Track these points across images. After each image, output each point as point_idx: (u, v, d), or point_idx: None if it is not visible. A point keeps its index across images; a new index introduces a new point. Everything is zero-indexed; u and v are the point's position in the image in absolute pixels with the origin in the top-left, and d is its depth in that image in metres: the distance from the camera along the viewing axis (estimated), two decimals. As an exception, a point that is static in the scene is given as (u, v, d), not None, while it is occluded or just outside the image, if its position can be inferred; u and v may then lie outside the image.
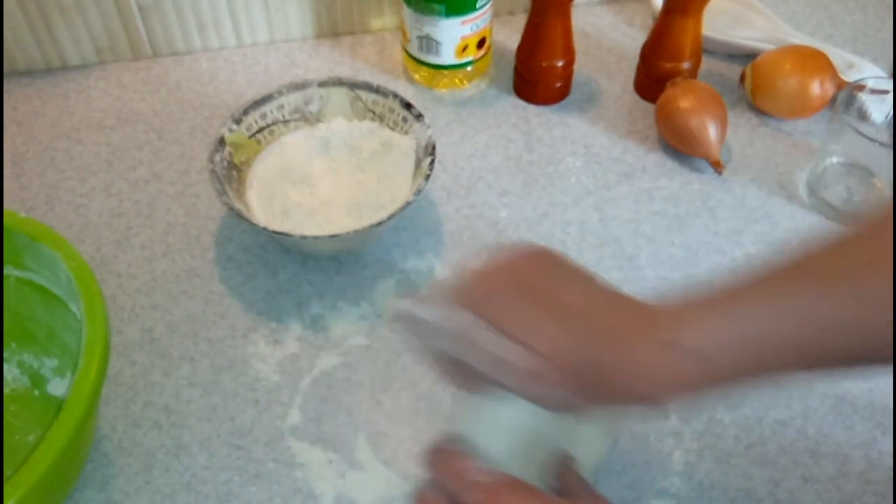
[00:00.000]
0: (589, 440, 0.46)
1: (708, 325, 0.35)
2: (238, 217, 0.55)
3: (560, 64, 0.69)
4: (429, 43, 0.68)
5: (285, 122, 0.63)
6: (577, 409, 0.38)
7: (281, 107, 0.62)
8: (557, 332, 0.36)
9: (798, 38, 0.73)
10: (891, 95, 0.62)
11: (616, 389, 0.36)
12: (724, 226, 0.63)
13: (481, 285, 0.38)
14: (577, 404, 0.37)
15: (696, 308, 0.36)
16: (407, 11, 0.68)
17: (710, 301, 0.36)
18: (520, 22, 0.70)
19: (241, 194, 0.59)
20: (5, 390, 0.52)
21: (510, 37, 0.76)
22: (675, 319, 0.36)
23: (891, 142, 0.60)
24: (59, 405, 0.51)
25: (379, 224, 0.54)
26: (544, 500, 0.38)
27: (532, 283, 0.38)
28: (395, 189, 0.60)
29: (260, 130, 0.62)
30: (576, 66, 0.71)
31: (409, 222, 0.62)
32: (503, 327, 0.37)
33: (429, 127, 0.60)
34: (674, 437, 0.51)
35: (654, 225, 0.63)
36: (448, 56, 0.69)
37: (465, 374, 0.39)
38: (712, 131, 0.64)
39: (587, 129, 0.70)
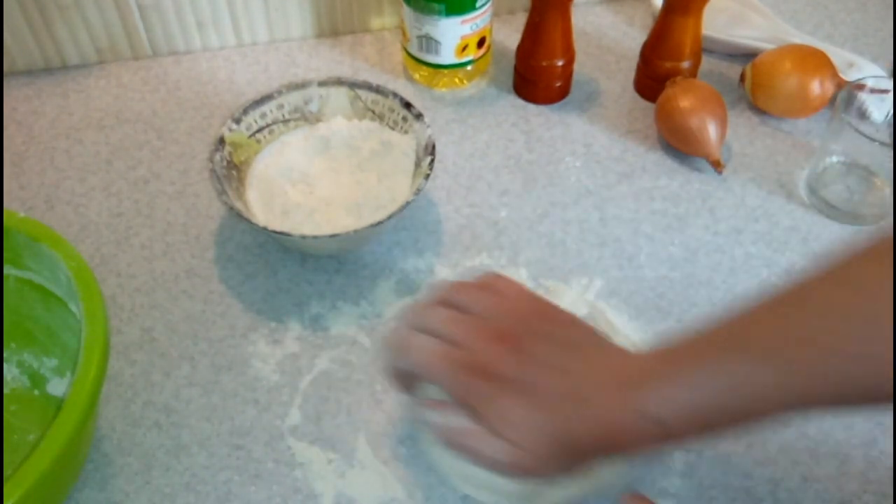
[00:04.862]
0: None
1: (664, 393, 0.39)
2: (238, 217, 0.55)
3: (560, 63, 0.69)
4: (429, 42, 0.68)
5: (285, 121, 0.63)
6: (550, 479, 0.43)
7: (281, 106, 0.62)
8: (536, 422, 0.41)
9: (798, 38, 0.73)
10: (891, 95, 0.62)
11: (583, 456, 0.41)
12: (724, 225, 0.63)
13: (467, 381, 0.42)
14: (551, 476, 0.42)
15: (656, 372, 0.40)
16: (407, 11, 0.68)
17: (669, 363, 0.40)
18: (520, 21, 0.70)
19: (240, 194, 0.59)
20: (5, 390, 0.52)
21: (510, 36, 0.76)
22: (639, 385, 0.40)
23: (891, 141, 0.60)
24: (58, 405, 0.51)
25: (379, 224, 0.54)
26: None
27: (510, 374, 0.42)
28: (394, 188, 0.60)
29: (260, 130, 0.62)
30: (576, 66, 0.71)
31: (409, 222, 0.62)
32: (486, 423, 0.41)
33: (428, 126, 0.60)
34: (674, 437, 0.51)
35: (654, 224, 0.63)
36: (448, 55, 0.69)
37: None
38: (712, 131, 0.64)
39: (587, 128, 0.70)
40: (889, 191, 0.62)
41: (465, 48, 0.69)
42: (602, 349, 0.44)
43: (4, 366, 0.52)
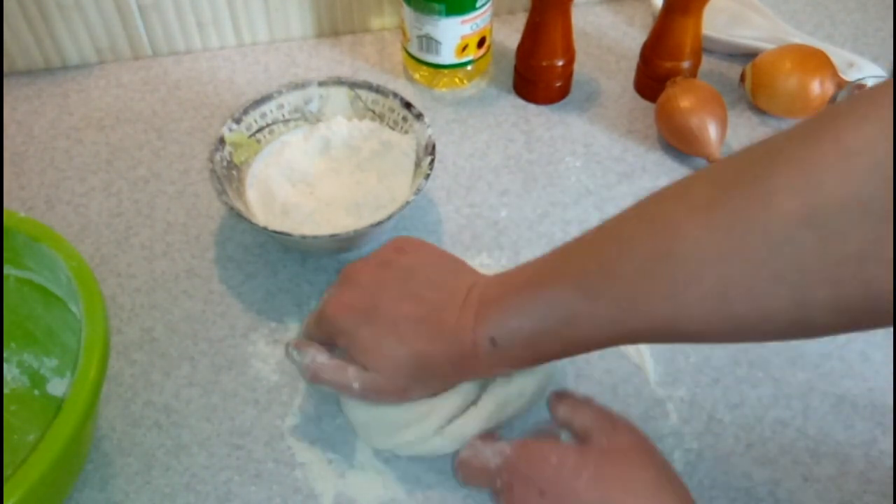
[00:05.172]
0: (518, 381, 0.48)
1: (499, 319, 0.43)
2: (238, 216, 0.55)
3: (560, 63, 0.69)
4: (429, 42, 0.68)
5: (285, 121, 0.63)
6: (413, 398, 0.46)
7: (281, 106, 0.62)
8: (391, 347, 0.44)
9: (798, 38, 0.73)
10: (891, 95, 0.62)
11: (441, 376, 0.45)
12: (724, 225, 0.62)
13: (330, 319, 0.47)
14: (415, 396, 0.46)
15: (495, 300, 0.43)
16: (407, 11, 0.68)
17: (506, 290, 0.43)
18: (520, 21, 0.70)
19: (240, 194, 0.59)
20: (5, 390, 0.52)
21: (510, 36, 0.76)
22: (480, 311, 0.43)
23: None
24: (58, 405, 0.51)
25: (379, 223, 0.54)
26: (552, 459, 0.41)
27: (366, 306, 0.46)
28: (394, 188, 0.60)
29: (260, 130, 0.62)
30: (576, 66, 0.71)
31: (409, 222, 0.62)
32: (353, 356, 0.45)
33: (429, 126, 0.60)
34: (674, 437, 0.51)
35: (654, 224, 0.63)
36: (448, 55, 0.69)
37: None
38: (712, 130, 0.64)
39: (587, 128, 0.70)
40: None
41: (465, 48, 0.69)
42: (455, 278, 0.47)
43: (4, 366, 0.52)
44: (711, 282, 0.36)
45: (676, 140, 0.66)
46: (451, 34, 0.67)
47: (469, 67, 0.71)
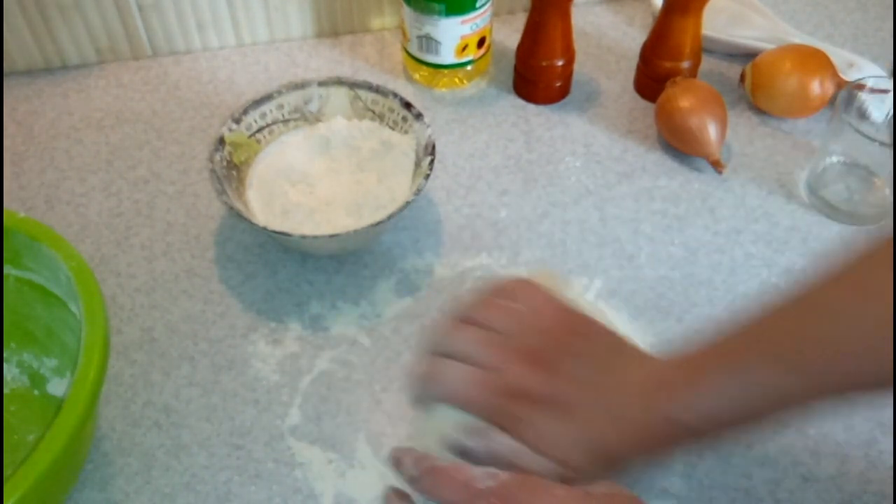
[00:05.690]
0: None
1: (689, 400, 0.41)
2: (238, 216, 0.55)
3: (560, 63, 0.69)
4: (429, 42, 0.68)
5: (285, 121, 0.63)
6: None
7: (280, 106, 0.62)
8: (568, 436, 0.42)
9: (798, 38, 0.73)
10: (891, 95, 0.62)
11: (625, 459, 0.42)
12: (724, 225, 0.62)
13: (493, 400, 0.43)
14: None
15: (680, 380, 0.41)
16: (407, 11, 0.68)
17: (693, 370, 0.41)
18: (520, 21, 0.70)
19: (240, 194, 0.59)
20: (5, 390, 0.52)
21: (510, 36, 0.76)
22: (664, 394, 0.41)
23: (891, 141, 0.60)
24: (58, 405, 0.51)
25: (379, 224, 0.54)
26: (557, 491, 0.40)
27: (534, 391, 0.42)
28: (394, 188, 0.60)
29: (259, 130, 0.62)
30: (576, 66, 0.71)
31: (409, 222, 0.62)
32: (523, 443, 0.42)
33: (428, 126, 0.60)
34: (674, 437, 0.51)
35: (654, 224, 0.63)
36: (448, 55, 0.69)
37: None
38: (712, 131, 0.64)
39: (587, 128, 0.70)
40: (889, 191, 0.62)
41: (465, 48, 0.69)
42: (629, 359, 0.44)
43: (4, 366, 0.52)
44: None
45: (676, 140, 0.66)
46: (451, 34, 0.67)
47: (469, 67, 0.71)
